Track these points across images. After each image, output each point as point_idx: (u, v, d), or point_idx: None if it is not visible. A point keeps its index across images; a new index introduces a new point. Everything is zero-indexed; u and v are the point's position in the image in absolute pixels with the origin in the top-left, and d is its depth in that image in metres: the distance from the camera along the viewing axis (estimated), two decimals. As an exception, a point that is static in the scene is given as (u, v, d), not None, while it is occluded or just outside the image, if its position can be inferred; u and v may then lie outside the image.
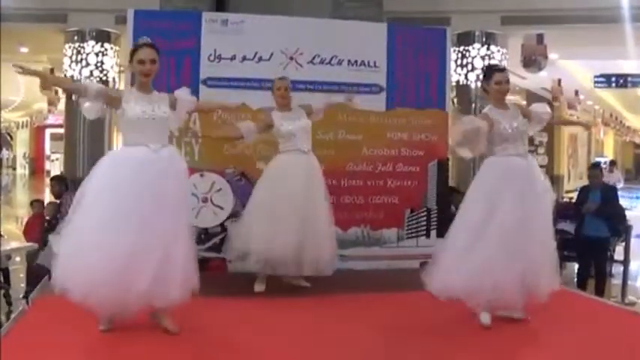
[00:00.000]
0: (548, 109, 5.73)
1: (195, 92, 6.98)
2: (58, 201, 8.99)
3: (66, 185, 9.19)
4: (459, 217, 5.31)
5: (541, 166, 7.05)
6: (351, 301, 5.90)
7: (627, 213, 11.67)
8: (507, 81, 5.42)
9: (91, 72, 11.16)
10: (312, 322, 5.23)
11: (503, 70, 5.53)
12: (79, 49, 11.19)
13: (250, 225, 6.06)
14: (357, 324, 5.17)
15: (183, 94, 5.05)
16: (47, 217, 9.28)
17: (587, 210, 8.93)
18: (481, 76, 5.59)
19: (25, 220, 10.32)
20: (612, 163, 20.78)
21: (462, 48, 11.25)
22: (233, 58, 7.18)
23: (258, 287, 6.11)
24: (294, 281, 6.22)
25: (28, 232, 9.42)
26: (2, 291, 8.01)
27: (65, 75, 11.46)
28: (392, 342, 4.81)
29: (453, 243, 5.19)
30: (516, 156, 5.26)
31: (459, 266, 5.03)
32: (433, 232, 7.62)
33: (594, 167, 10.15)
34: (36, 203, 9.88)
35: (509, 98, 5.64)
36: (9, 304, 7.85)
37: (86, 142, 11.22)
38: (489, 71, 5.52)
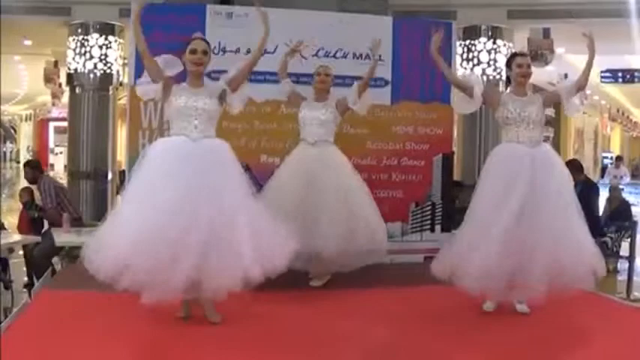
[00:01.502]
0: (569, 83, 5.75)
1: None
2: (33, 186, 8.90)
3: (40, 170, 9.06)
4: (470, 209, 5.30)
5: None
6: (354, 295, 5.88)
7: (633, 209, 11.68)
8: (529, 65, 5.46)
9: (95, 65, 11.11)
10: (314, 317, 5.20)
11: (524, 54, 5.58)
12: (82, 41, 11.15)
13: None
14: (360, 319, 5.16)
15: (223, 78, 5.29)
16: (22, 202, 9.13)
17: None
18: (504, 68, 5.71)
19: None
20: (619, 158, 20.73)
21: (467, 42, 11.19)
22: (238, 50, 7.15)
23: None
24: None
25: (21, 226, 9.29)
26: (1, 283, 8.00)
27: (69, 67, 11.42)
28: (395, 336, 4.78)
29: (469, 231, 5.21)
30: (518, 143, 5.26)
31: (472, 252, 5.04)
32: (438, 227, 7.61)
33: (567, 164, 9.97)
34: (23, 193, 9.50)
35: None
36: (7, 288, 7.83)
37: (90, 135, 11.18)
38: (511, 57, 5.60)
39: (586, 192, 9.10)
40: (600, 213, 11.31)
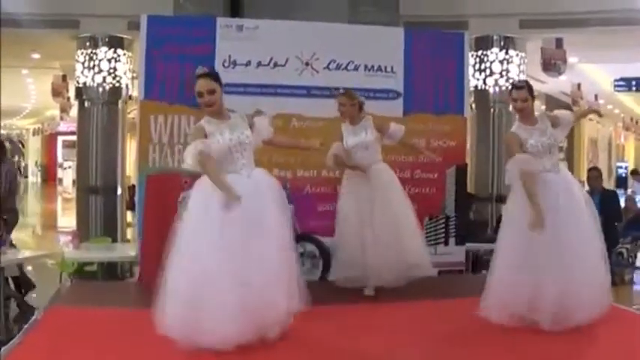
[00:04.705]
0: (571, 115, 5.68)
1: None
2: None
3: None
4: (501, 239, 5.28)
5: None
6: (369, 309, 5.81)
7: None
8: (524, 99, 5.26)
9: (104, 78, 11.06)
10: (328, 331, 5.09)
11: (520, 87, 5.37)
12: (91, 55, 11.10)
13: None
14: (374, 333, 5.08)
15: (262, 121, 5.07)
16: None
17: None
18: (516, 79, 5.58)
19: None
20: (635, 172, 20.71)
21: (480, 52, 11.10)
22: (248, 63, 7.10)
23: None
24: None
25: None
26: (16, 300, 7.94)
27: (77, 81, 11.37)
28: (409, 351, 4.74)
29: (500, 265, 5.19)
30: (545, 172, 5.16)
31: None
32: (452, 240, 7.51)
33: (591, 170, 9.99)
34: None
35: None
36: (23, 312, 7.78)
37: (99, 149, 11.11)
38: (510, 89, 5.48)
39: (608, 201, 9.02)
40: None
